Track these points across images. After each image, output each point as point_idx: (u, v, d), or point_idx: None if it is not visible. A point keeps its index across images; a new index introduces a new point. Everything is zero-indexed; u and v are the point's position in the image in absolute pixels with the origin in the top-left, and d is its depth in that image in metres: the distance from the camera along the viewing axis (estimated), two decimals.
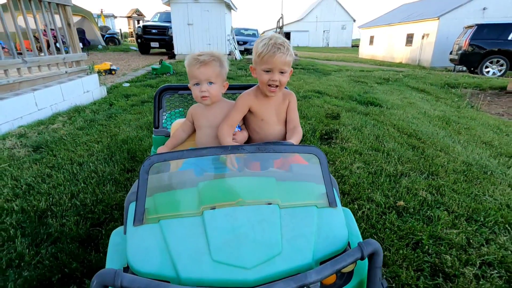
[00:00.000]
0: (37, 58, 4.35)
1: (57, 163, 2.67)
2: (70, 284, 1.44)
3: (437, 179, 2.53)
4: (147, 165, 0.95)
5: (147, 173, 0.95)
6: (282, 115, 1.54)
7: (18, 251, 1.61)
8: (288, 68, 1.39)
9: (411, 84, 8.20)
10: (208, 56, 1.39)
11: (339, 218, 1.00)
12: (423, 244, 1.74)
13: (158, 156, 0.98)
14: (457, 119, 4.66)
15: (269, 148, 1.04)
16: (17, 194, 2.17)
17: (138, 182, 0.95)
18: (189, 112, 1.56)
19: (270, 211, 0.93)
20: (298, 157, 1.29)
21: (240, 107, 1.48)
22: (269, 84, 1.39)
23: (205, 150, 1.00)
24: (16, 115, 3.62)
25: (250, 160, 1.19)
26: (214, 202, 0.95)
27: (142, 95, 5.45)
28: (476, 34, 12.78)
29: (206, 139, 1.50)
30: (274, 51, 1.32)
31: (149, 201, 0.95)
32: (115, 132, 3.48)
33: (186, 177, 1.13)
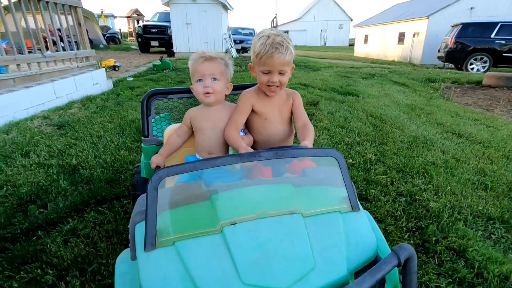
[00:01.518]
0: (54, 54, 4.97)
1: (79, 136, 3.30)
2: (103, 204, 2.07)
3: (384, 147, 3.17)
4: (155, 181, 0.84)
5: (156, 190, 0.83)
6: (286, 114, 1.46)
7: (63, 187, 2.24)
8: (288, 68, 1.32)
9: (394, 79, 8.83)
10: (213, 54, 1.37)
11: (364, 222, 0.95)
12: (357, 183, 2.38)
13: (168, 169, 0.86)
14: (424, 106, 5.29)
15: (287, 153, 0.94)
16: (52, 155, 2.80)
17: (146, 201, 0.83)
18: (187, 116, 1.45)
19: (295, 222, 0.86)
20: (307, 159, 1.19)
21: (243, 107, 1.40)
22: (268, 85, 1.33)
23: (220, 160, 0.89)
24: (39, 101, 4.25)
25: (261, 166, 1.08)
26: (233, 217, 0.86)
27: (145, 87, 6.08)
28: (461, 32, 13.39)
29: (209, 143, 1.41)
30: (272, 51, 1.23)
31: (159, 221, 0.83)
32: (124, 115, 4.10)
33: (195, 190, 0.99)
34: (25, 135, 3.23)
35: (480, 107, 5.99)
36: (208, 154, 1.41)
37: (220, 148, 1.41)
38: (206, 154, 1.42)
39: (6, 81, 4.01)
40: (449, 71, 12.17)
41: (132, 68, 9.50)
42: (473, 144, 3.38)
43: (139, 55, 14.49)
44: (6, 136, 3.22)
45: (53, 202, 2.06)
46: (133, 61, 11.86)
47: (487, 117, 4.73)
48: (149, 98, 1.76)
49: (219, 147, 1.41)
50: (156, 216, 0.83)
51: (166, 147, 1.47)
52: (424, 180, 2.49)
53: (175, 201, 0.93)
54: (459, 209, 2.09)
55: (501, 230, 1.90)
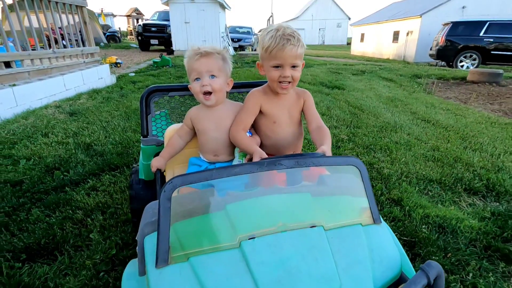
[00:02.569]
0: (63, 50, 5.42)
1: (90, 121, 3.75)
2: (115, 170, 2.53)
3: (357, 130, 3.63)
4: (169, 190, 0.78)
5: (170, 200, 0.78)
6: (296, 115, 1.37)
7: (81, 158, 2.69)
8: (300, 61, 1.22)
9: (383, 75, 9.28)
10: (209, 48, 1.26)
11: (387, 236, 0.90)
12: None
13: (183, 178, 0.80)
14: (403, 99, 5.75)
15: (308, 161, 0.88)
16: (68, 136, 3.25)
17: (158, 212, 0.77)
18: (188, 116, 1.37)
19: (317, 236, 0.81)
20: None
21: (251, 107, 1.31)
22: (280, 81, 1.22)
23: (238, 168, 0.83)
24: (51, 93, 4.69)
25: (276, 172, 0.96)
26: (252, 230, 0.80)
27: (146, 81, 6.52)
28: (451, 30, 13.81)
29: (214, 145, 1.33)
30: (283, 43, 1.15)
31: (172, 234, 0.78)
32: (128, 104, 4.55)
33: (209, 198, 0.92)
34: (42, 120, 3.68)
35: (458, 100, 6.44)
36: (214, 156, 1.35)
37: (226, 149, 1.33)
38: (212, 155, 1.35)
39: (22, 74, 4.45)
40: (437, 68, 12.62)
41: (133, 65, 9.94)
42: (437, 128, 3.84)
43: (139, 53, 14.92)
44: (26, 121, 3.66)
45: (74, 169, 2.51)
46: (134, 58, 12.29)
47: (459, 108, 5.19)
48: (148, 95, 1.65)
49: (224, 148, 1.33)
50: (169, 228, 0.76)
51: (167, 149, 1.37)
52: (384, 154, 2.94)
53: (188, 210, 0.85)
54: (407, 174, 2.55)
55: (437, 189, 2.36)
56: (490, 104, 6.14)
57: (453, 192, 2.33)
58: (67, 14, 5.61)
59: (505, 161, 2.87)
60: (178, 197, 0.82)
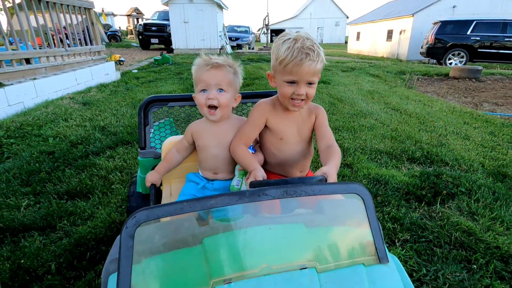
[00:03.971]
0: (73, 48, 6.00)
1: (101, 109, 4.34)
2: (127, 145, 3.12)
3: (332, 116, 4.21)
4: (131, 226, 0.65)
5: (133, 238, 0.65)
6: (306, 133, 1.26)
7: (98, 136, 3.28)
8: (317, 78, 1.11)
9: (371, 72, 9.86)
10: (221, 60, 1.19)
11: (395, 279, 0.75)
12: None
13: (148, 212, 0.68)
14: (383, 92, 6.33)
15: (300, 190, 0.74)
16: (84, 120, 3.84)
17: (119, 251, 0.65)
18: (188, 131, 1.29)
19: (307, 280, 0.68)
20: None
21: (256, 120, 1.22)
22: (292, 98, 1.12)
23: (213, 200, 0.70)
24: (65, 86, 5.28)
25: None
26: (229, 272, 0.69)
27: (148, 77, 7.11)
28: (440, 29, 14.36)
29: (213, 163, 1.26)
30: (301, 58, 1.02)
31: (135, 274, 0.65)
32: (134, 96, 5.14)
33: (185, 229, 0.79)
34: (60, 109, 4.27)
35: (436, 94, 7.02)
36: (213, 174, 1.28)
37: (226, 167, 1.26)
38: (211, 173, 1.28)
39: (40, 69, 5.04)
40: (425, 65, 13.20)
41: (135, 63, 10.52)
42: (402, 115, 4.43)
43: (140, 52, 15.48)
44: (46, 109, 4.25)
45: (93, 144, 3.10)
46: (135, 56, 12.86)
47: (430, 99, 5.78)
48: (147, 105, 1.58)
49: (224, 166, 1.26)
50: (131, 270, 0.65)
51: (163, 163, 1.31)
52: (349, 134, 3.53)
53: (158, 244, 0.74)
54: (364, 147, 3.14)
55: (385, 158, 2.95)
56: (464, 97, 6.73)
57: (398, 160, 2.92)
58: (76, 15, 6.18)
59: (449, 139, 3.46)
60: (146, 228, 0.70)
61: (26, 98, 4.34)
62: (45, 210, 1.97)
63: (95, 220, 1.88)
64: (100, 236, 1.73)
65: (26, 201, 2.08)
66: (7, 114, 3.95)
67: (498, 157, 2.97)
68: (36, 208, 2.01)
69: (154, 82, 6.60)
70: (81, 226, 1.84)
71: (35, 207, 2.02)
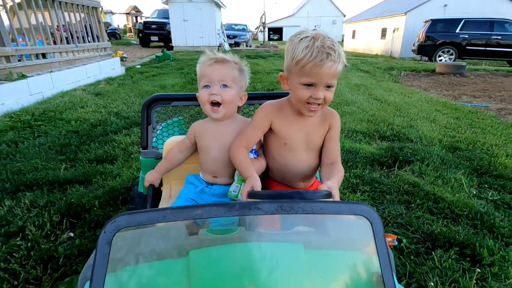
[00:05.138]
0: (83, 44, 6.48)
1: (113, 99, 4.83)
2: (133, 126, 3.62)
3: None
4: (110, 231, 0.60)
5: (110, 244, 0.60)
6: (315, 141, 1.15)
7: (113, 120, 3.79)
8: (336, 80, 1.00)
9: (362, 68, 10.40)
10: (226, 56, 1.14)
11: None
12: None
13: (129, 217, 0.62)
14: (369, 85, 6.85)
15: (297, 207, 0.66)
16: (99, 107, 4.33)
17: (94, 257, 0.59)
18: (191, 130, 1.24)
19: None
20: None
21: (260, 122, 1.13)
22: (309, 102, 1.01)
23: (199, 210, 0.64)
24: (77, 79, 5.76)
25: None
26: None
27: (152, 72, 7.61)
28: (430, 27, 14.88)
29: (213, 166, 1.21)
30: (322, 58, 0.92)
31: (111, 282, 0.59)
32: (140, 88, 5.64)
33: (171, 239, 0.72)
34: (76, 98, 4.76)
35: (420, 87, 7.55)
36: (213, 177, 1.23)
37: (227, 171, 1.21)
38: (210, 176, 1.23)
39: (55, 63, 5.52)
40: (415, 62, 13.74)
41: (137, 59, 10.99)
42: (383, 104, 4.96)
43: (140, 49, 15.92)
44: (63, 99, 4.74)
45: (110, 126, 3.60)
46: (136, 54, 13.31)
47: (412, 91, 6.31)
48: (150, 104, 1.53)
49: (225, 170, 1.20)
50: (105, 280, 0.57)
51: (164, 163, 1.28)
52: None
53: (139, 253, 0.66)
54: (343, 128, 3.66)
55: (360, 136, 3.47)
56: (446, 91, 7.27)
57: (370, 138, 3.44)
58: (80, 13, 6.66)
59: (418, 122, 3.99)
60: (127, 234, 0.63)
61: (45, 88, 4.82)
62: (81, 170, 2.48)
63: (122, 177, 2.39)
64: (128, 185, 2.24)
65: (64, 165, 2.58)
66: (29, 102, 4.43)
67: (455, 136, 3.50)
68: (73, 170, 2.51)
69: (158, 76, 7.09)
70: (111, 181, 2.34)
71: (71, 170, 2.53)
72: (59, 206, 1.97)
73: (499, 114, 4.98)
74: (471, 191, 2.32)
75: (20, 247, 1.61)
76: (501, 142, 3.31)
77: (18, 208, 1.95)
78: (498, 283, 1.48)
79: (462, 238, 1.77)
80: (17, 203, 2.01)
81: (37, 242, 1.66)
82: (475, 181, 2.47)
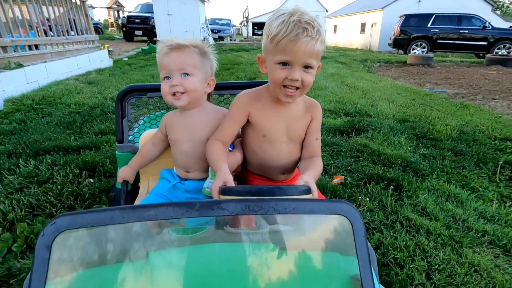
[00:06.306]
0: (72, 37, 6.76)
1: (106, 86, 5.21)
2: None
3: None
4: (49, 234, 0.53)
5: (49, 249, 0.53)
6: (297, 133, 1.08)
7: (110, 103, 4.20)
8: (316, 61, 0.92)
9: (339, 60, 11.05)
10: (184, 41, 1.03)
11: None
12: None
13: (71, 218, 0.55)
14: (343, 74, 7.47)
15: (268, 206, 0.59)
16: (94, 93, 4.72)
17: (32, 262, 0.52)
18: (163, 122, 1.17)
19: None
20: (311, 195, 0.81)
21: (235, 114, 1.05)
22: (285, 85, 0.93)
23: (153, 211, 0.57)
24: (68, 69, 6.08)
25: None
26: None
27: (139, 64, 7.96)
28: (404, 22, 15.68)
29: (185, 160, 1.13)
30: (297, 33, 0.84)
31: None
32: (130, 77, 6.03)
33: (127, 239, 0.63)
34: (71, 86, 5.11)
35: (390, 77, 8.25)
36: (185, 172, 1.16)
37: (199, 166, 1.13)
38: (183, 172, 1.16)
39: (47, 54, 5.82)
40: (388, 54, 14.56)
41: (122, 53, 11.22)
42: (352, 89, 5.57)
43: (125, 43, 16.02)
44: (58, 87, 5.08)
45: (108, 108, 4.02)
46: (121, 48, 13.47)
47: (380, 79, 6.98)
48: (124, 95, 1.45)
49: (197, 165, 1.12)
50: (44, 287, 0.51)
51: (137, 158, 1.23)
52: None
53: (87, 257, 0.59)
54: None
55: (328, 113, 4.05)
56: (413, 79, 7.99)
57: (336, 114, 4.03)
58: (73, 7, 6.93)
59: (379, 103, 4.61)
60: (71, 236, 0.55)
61: (40, 77, 5.14)
62: (89, 139, 2.92)
63: None
64: None
65: (73, 137, 3.01)
66: (26, 90, 4.76)
67: (407, 112, 4.14)
68: (82, 140, 2.95)
69: (146, 67, 7.46)
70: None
71: (80, 140, 2.97)
72: (77, 163, 2.43)
73: (453, 97, 5.69)
74: (408, 149, 2.93)
75: (52, 189, 2.08)
76: (442, 116, 3.97)
77: (42, 166, 2.39)
78: (410, 200, 2.08)
79: (392, 176, 2.36)
80: (40, 162, 2.45)
81: (64, 185, 2.12)
82: (414, 143, 3.09)
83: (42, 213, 1.86)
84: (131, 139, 1.54)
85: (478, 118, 3.95)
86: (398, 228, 1.79)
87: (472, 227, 1.80)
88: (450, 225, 1.83)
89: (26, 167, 2.37)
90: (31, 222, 1.76)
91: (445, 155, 2.80)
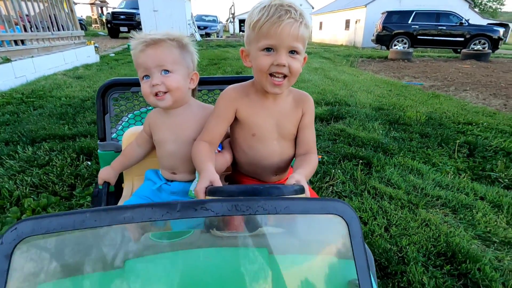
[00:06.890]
0: (58, 32, 6.77)
1: (94, 81, 5.31)
2: None
3: None
4: (9, 242, 0.47)
5: (9, 258, 0.47)
6: (288, 129, 1.02)
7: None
8: (302, 45, 0.87)
9: (324, 55, 11.37)
10: (160, 35, 0.95)
11: None
12: None
13: (34, 222, 0.48)
14: (327, 69, 7.77)
15: (257, 206, 0.54)
16: (83, 87, 4.82)
17: None
18: (146, 121, 1.11)
19: None
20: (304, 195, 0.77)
21: (222, 112, 0.99)
22: (271, 73, 0.87)
23: (129, 213, 0.50)
24: (56, 65, 6.12)
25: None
26: None
27: (126, 59, 8.01)
28: (386, 19, 16.15)
29: (171, 161, 1.07)
30: (280, 15, 0.81)
31: None
32: (119, 72, 6.12)
33: (101, 246, 0.56)
34: (59, 81, 5.18)
35: (371, 71, 8.61)
36: (171, 174, 1.10)
37: (186, 167, 1.06)
38: (169, 173, 1.10)
39: (33, 49, 5.84)
40: (370, 49, 15.04)
41: (108, 49, 11.17)
42: (333, 82, 5.86)
43: (110, 40, 15.87)
44: (46, 82, 5.14)
45: None
46: (107, 44, 13.38)
47: (361, 73, 7.31)
48: (106, 90, 1.36)
49: (183, 166, 1.06)
50: None
51: (120, 158, 1.15)
52: None
53: (55, 266, 0.53)
54: None
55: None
56: (392, 73, 8.37)
57: (318, 104, 4.29)
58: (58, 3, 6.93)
59: (358, 93, 4.91)
60: (36, 243, 0.50)
61: (28, 72, 5.19)
62: (83, 128, 3.07)
63: None
64: None
65: (67, 127, 3.15)
66: (15, 84, 4.81)
67: (382, 101, 4.45)
68: (75, 129, 3.10)
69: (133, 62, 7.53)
70: None
71: (74, 129, 3.11)
72: (74, 148, 2.59)
73: (428, 89, 6.07)
74: (381, 132, 3.22)
75: (52, 171, 2.24)
76: (414, 104, 4.31)
77: (40, 151, 2.54)
78: (378, 174, 2.35)
79: (363, 154, 2.64)
80: (37, 149, 2.60)
81: (64, 167, 2.29)
82: (387, 127, 3.39)
83: (45, 190, 2.03)
84: (114, 137, 1.44)
85: (446, 106, 4.30)
86: (365, 196, 2.06)
87: (429, 193, 2.09)
88: (410, 192, 2.11)
89: (25, 153, 2.52)
90: (36, 198, 1.93)
91: (413, 137, 3.10)
